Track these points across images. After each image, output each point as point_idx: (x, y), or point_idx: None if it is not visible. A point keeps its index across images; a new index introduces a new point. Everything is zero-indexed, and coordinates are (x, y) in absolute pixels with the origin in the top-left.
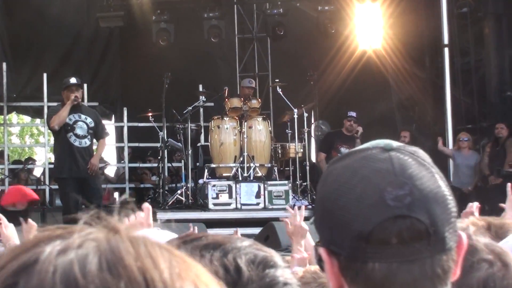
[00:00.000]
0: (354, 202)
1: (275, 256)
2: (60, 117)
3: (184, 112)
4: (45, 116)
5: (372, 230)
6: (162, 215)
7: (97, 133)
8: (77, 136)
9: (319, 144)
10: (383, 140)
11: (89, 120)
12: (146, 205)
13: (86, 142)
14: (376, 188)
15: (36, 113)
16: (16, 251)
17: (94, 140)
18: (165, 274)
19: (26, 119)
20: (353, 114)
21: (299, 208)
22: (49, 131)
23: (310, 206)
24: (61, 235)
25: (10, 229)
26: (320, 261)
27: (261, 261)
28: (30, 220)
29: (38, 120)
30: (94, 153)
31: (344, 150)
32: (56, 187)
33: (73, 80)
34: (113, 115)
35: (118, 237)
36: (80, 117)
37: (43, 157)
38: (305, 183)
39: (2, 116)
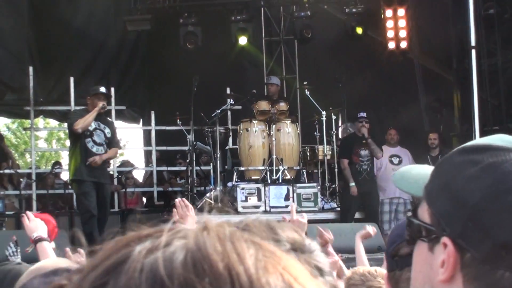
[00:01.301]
0: (505, 209)
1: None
2: (86, 121)
3: (213, 115)
4: (68, 119)
5: None
6: None
7: (112, 143)
8: (95, 142)
9: (339, 152)
10: None
11: (107, 130)
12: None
13: (102, 150)
14: None
15: (63, 117)
16: (108, 251)
17: None
18: (250, 269)
19: (53, 123)
20: (363, 114)
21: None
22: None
23: (338, 208)
24: (151, 234)
25: (34, 222)
26: (412, 239)
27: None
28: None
29: (65, 124)
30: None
31: (364, 152)
32: None
33: (102, 89)
34: (141, 119)
35: (206, 234)
36: (99, 125)
37: None
38: (333, 185)
39: (30, 120)
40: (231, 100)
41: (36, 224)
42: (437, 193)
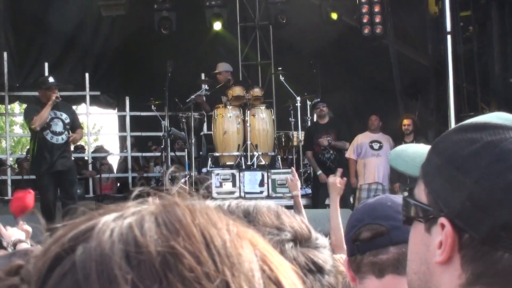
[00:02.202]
0: (504, 189)
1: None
2: (42, 118)
3: (187, 100)
4: (25, 117)
5: None
6: None
7: (74, 126)
8: (53, 133)
9: (303, 144)
10: None
11: (64, 116)
12: None
13: (63, 138)
14: None
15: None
16: (70, 225)
17: None
18: (223, 231)
19: None
20: (318, 99)
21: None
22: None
23: (312, 195)
24: (115, 209)
25: (10, 230)
26: (408, 219)
27: (246, 212)
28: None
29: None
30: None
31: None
32: None
33: (51, 79)
34: (116, 105)
35: (173, 204)
36: (55, 114)
37: None
38: (308, 171)
39: (4, 106)
40: (206, 85)
41: (12, 231)
42: (434, 172)
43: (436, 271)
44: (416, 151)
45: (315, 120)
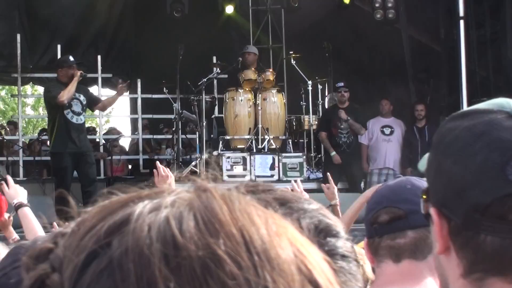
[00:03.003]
0: (473, 171)
1: (339, 226)
2: (70, 92)
3: (199, 83)
4: (48, 92)
5: (490, 204)
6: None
7: (92, 102)
8: (74, 112)
9: (318, 123)
10: (508, 101)
11: (82, 97)
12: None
13: (81, 118)
14: (498, 160)
15: None
16: (103, 212)
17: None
18: (262, 230)
19: (40, 90)
20: (341, 84)
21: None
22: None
23: (322, 179)
24: (149, 195)
25: (13, 188)
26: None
27: (324, 228)
28: None
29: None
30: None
31: (343, 125)
32: None
33: (72, 58)
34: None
35: (209, 195)
36: (75, 94)
37: None
38: (319, 155)
39: (16, 87)
40: (217, 69)
41: (16, 190)
42: (428, 168)
43: (444, 262)
44: None
45: (326, 104)
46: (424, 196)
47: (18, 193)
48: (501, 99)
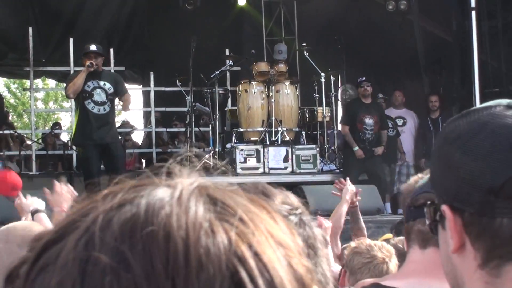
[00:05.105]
0: (483, 157)
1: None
2: (75, 85)
3: (212, 76)
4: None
5: (503, 184)
6: None
7: (119, 93)
8: (95, 103)
9: (342, 117)
10: (503, 99)
11: (107, 86)
12: None
13: (105, 108)
14: (506, 141)
15: (63, 77)
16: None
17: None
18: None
19: (51, 84)
20: (363, 78)
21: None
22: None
23: (337, 170)
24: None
25: (29, 199)
26: (432, 223)
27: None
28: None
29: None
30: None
31: (369, 121)
32: None
33: (92, 47)
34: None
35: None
36: (98, 83)
37: (68, 122)
38: (332, 147)
39: (29, 81)
40: (230, 61)
41: (32, 200)
42: (434, 169)
43: (457, 262)
44: None
45: (338, 96)
46: (429, 202)
47: (33, 202)
48: (496, 100)
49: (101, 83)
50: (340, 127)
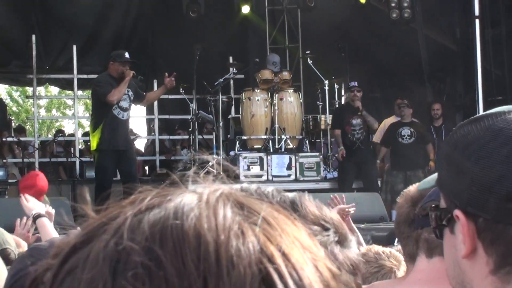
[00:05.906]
0: (500, 163)
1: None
2: (121, 92)
3: (215, 84)
4: (98, 87)
5: None
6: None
7: (137, 98)
8: (121, 109)
9: (331, 122)
10: None
11: (130, 92)
12: None
13: (128, 114)
14: None
15: (67, 84)
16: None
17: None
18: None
19: (54, 91)
20: (355, 83)
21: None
22: (84, 102)
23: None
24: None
25: (31, 202)
26: (437, 228)
27: (292, 201)
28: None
29: (67, 92)
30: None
31: (355, 121)
32: (87, 159)
33: (127, 55)
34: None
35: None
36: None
37: (71, 129)
38: (336, 155)
39: (32, 89)
40: (234, 69)
41: (34, 203)
42: (443, 174)
43: (466, 267)
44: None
45: (343, 103)
46: (433, 206)
47: (36, 205)
48: (506, 106)
49: (126, 90)
50: (331, 132)
